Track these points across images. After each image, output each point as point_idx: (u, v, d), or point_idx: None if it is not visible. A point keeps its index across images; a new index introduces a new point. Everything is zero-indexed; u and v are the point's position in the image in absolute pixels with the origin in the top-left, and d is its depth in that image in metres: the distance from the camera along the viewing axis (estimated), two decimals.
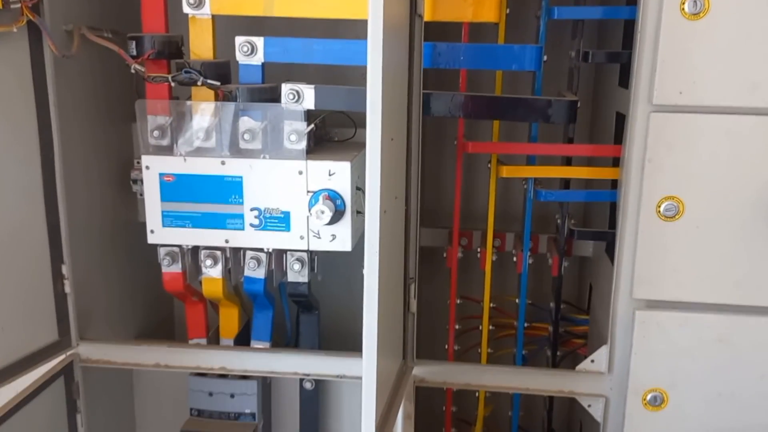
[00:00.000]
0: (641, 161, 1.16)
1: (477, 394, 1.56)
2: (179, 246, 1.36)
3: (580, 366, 1.27)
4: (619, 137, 1.31)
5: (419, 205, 1.21)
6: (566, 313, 1.58)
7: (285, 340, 1.58)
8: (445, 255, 1.51)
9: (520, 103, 1.24)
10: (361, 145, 1.38)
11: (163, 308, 1.73)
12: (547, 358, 1.56)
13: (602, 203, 1.48)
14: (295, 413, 1.56)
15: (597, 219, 1.56)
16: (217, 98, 1.30)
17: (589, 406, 1.28)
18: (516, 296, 1.55)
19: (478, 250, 1.51)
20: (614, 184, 1.34)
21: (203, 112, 1.29)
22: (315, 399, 1.54)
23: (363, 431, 0.98)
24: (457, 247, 1.47)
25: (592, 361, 1.26)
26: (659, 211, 1.16)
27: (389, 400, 1.12)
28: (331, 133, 1.49)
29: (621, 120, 1.31)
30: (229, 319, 1.49)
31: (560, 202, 1.42)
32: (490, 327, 1.52)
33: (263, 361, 1.34)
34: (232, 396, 1.50)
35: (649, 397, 1.22)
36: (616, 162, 1.32)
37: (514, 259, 1.47)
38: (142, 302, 1.63)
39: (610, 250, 1.35)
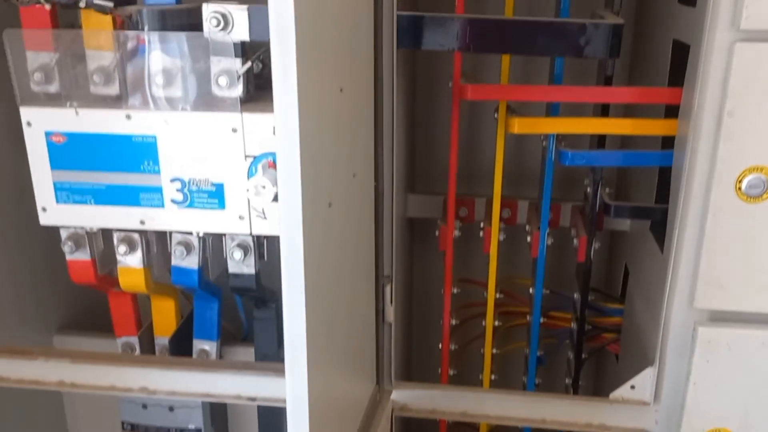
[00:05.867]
0: (716, 114, 0.79)
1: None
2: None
3: (616, 393, 0.94)
4: (677, 77, 0.94)
5: (396, 175, 0.86)
6: (593, 301, 1.24)
7: (241, 331, 1.28)
8: (437, 233, 1.16)
9: (541, 29, 0.86)
10: None
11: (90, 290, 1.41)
12: (568, 360, 1.23)
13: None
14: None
15: (638, 186, 1.19)
16: (116, 25, 0.94)
17: None
18: (529, 279, 1.21)
19: (481, 225, 1.15)
20: (666, 141, 0.98)
21: (98, 46, 0.93)
22: (278, 414, 1.23)
23: None
24: (453, 226, 1.12)
25: (633, 387, 0.93)
26: (739, 188, 0.80)
27: None
28: None
29: (681, 52, 0.93)
30: (164, 314, 1.18)
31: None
32: (496, 323, 1.19)
33: (195, 381, 1.02)
34: (171, 409, 1.20)
35: None
36: (669, 111, 0.96)
37: (528, 239, 1.13)
38: (62, 284, 1.31)
39: (657, 229, 1.01)
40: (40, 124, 0.96)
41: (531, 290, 1.18)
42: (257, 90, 0.99)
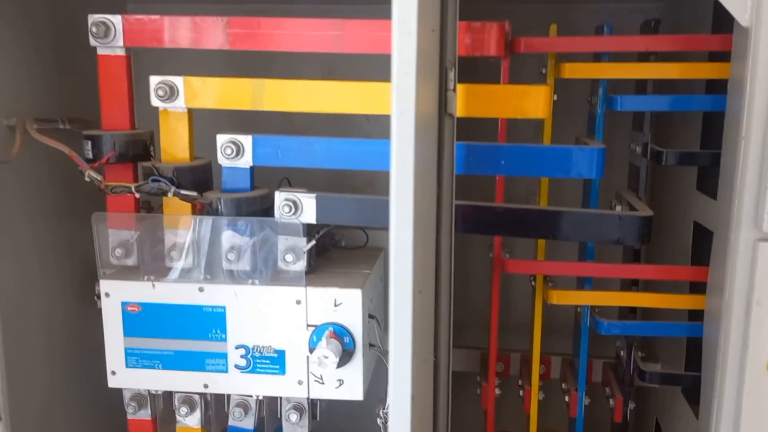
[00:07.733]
0: (745, 302, 0.88)
1: None
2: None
3: None
4: (700, 255, 1.03)
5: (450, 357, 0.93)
6: None
7: None
8: (479, 392, 1.22)
9: (579, 219, 0.97)
10: (374, 256, 1.13)
11: None
12: None
13: None
14: None
15: (667, 347, 1.26)
16: (194, 209, 1.05)
17: None
18: (564, 429, 1.26)
19: (519, 383, 1.22)
20: (693, 312, 1.06)
21: (177, 227, 1.03)
22: None
23: None
24: (494, 387, 1.18)
25: None
26: None
27: None
28: (337, 237, 1.22)
29: (703, 234, 1.03)
30: None
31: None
32: None
33: None
34: None
35: None
36: (695, 287, 1.04)
37: (567, 398, 1.18)
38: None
39: (689, 392, 1.07)
40: (117, 295, 1.04)
41: None
42: (319, 255, 1.09)
